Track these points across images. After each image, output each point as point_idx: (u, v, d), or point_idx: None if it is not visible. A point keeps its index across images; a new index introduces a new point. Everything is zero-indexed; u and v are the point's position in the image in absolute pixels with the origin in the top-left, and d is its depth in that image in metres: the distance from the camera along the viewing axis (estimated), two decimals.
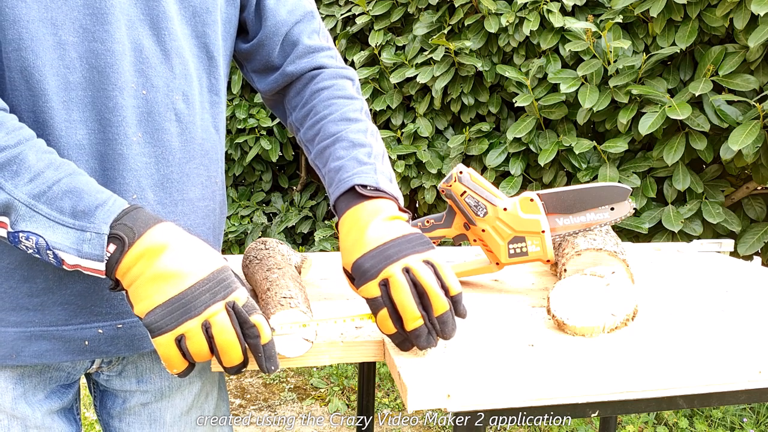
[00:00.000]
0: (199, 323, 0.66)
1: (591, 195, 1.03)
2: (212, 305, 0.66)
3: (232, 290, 0.68)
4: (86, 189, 0.69)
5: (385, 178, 0.83)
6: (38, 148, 0.70)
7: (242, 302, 0.68)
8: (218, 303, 0.67)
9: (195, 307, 0.66)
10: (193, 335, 0.66)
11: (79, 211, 0.68)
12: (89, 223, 0.67)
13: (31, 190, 0.67)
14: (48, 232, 0.67)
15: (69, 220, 0.68)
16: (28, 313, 0.79)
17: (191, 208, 0.87)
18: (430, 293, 0.71)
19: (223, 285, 0.68)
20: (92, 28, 0.75)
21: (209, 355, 0.68)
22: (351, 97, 0.93)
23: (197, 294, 0.66)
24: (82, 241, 0.67)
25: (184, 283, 0.67)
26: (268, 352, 0.69)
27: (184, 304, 0.66)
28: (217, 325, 0.66)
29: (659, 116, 2.19)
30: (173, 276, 0.67)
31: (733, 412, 2.53)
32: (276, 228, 3.71)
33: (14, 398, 0.83)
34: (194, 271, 0.67)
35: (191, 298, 0.66)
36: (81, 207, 0.68)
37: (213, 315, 0.66)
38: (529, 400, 0.69)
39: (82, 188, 0.69)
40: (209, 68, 0.87)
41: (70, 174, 0.70)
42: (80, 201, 0.68)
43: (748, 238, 2.24)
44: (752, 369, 0.74)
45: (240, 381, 2.93)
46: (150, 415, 0.95)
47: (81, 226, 0.67)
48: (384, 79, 3.11)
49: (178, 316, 0.66)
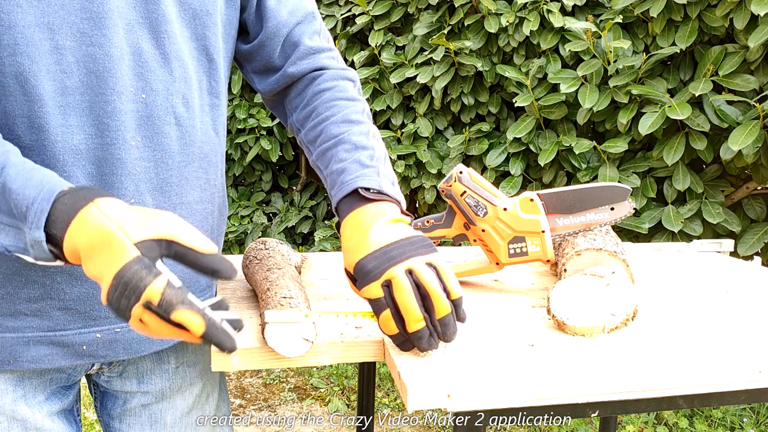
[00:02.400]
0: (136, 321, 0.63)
1: (591, 195, 1.03)
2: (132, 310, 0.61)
3: (141, 290, 0.61)
4: (14, 187, 0.65)
5: (387, 181, 0.83)
6: None
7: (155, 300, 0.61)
8: (136, 307, 0.61)
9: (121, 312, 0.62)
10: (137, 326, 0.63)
11: (15, 213, 0.65)
12: (26, 227, 0.64)
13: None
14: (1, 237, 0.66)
15: (9, 220, 0.65)
16: (26, 319, 0.79)
17: (189, 211, 0.86)
18: (433, 295, 0.71)
19: (131, 287, 0.61)
20: (90, 32, 0.74)
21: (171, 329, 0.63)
22: (353, 99, 0.93)
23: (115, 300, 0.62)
24: (27, 245, 0.65)
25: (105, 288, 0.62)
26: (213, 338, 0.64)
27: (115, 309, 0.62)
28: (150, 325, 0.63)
29: (659, 116, 2.19)
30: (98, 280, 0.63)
31: (733, 412, 2.53)
32: (276, 228, 3.71)
33: (14, 400, 0.83)
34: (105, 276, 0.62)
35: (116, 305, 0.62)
36: (15, 209, 0.65)
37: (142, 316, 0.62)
38: (529, 400, 0.69)
39: (11, 186, 0.65)
40: (209, 71, 0.86)
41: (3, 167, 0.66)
42: (12, 201, 0.65)
43: (748, 238, 2.24)
44: (752, 369, 0.74)
45: (240, 381, 2.93)
46: (151, 416, 0.95)
47: (21, 227, 0.65)
48: (384, 79, 3.11)
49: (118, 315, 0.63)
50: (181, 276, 0.87)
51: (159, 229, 0.64)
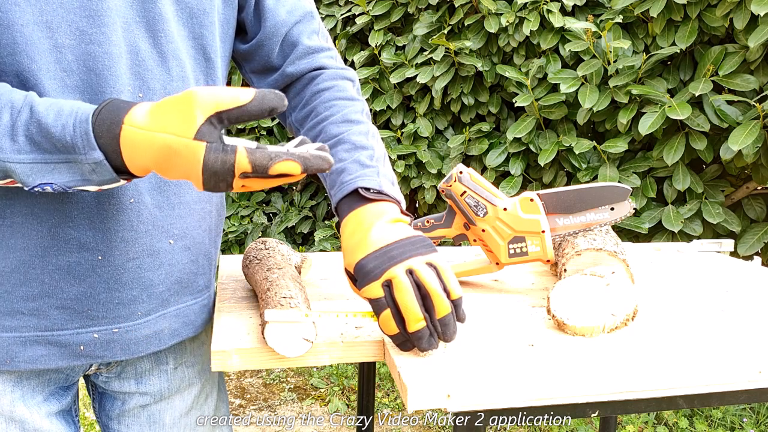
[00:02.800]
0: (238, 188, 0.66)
1: (591, 195, 1.03)
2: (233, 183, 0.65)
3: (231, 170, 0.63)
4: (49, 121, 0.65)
5: (387, 181, 0.83)
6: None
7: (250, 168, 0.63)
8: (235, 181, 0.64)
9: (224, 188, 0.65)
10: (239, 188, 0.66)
11: (60, 147, 0.65)
12: (82, 155, 0.65)
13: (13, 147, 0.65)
14: (56, 176, 0.66)
15: (58, 156, 0.66)
16: (24, 318, 0.79)
17: (188, 210, 0.86)
18: (433, 295, 0.71)
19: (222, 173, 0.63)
20: (89, 31, 0.74)
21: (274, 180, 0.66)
22: (352, 99, 0.93)
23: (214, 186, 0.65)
24: (89, 173, 0.66)
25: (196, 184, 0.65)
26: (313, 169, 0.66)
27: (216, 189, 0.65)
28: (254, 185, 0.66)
29: (659, 116, 2.19)
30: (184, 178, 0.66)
31: (733, 412, 2.53)
32: (276, 228, 3.71)
33: (12, 401, 0.83)
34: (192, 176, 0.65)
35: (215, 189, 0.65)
36: (59, 143, 0.65)
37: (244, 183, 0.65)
38: (529, 400, 0.69)
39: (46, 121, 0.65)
40: (207, 70, 0.86)
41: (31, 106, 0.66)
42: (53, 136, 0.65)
43: (748, 238, 2.24)
44: (752, 369, 0.74)
45: (240, 381, 2.93)
46: (149, 416, 0.95)
47: (74, 159, 0.66)
48: (384, 79, 3.11)
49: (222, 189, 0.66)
50: (179, 277, 0.87)
51: (200, 110, 0.64)
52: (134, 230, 0.80)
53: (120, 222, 0.79)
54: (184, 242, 0.87)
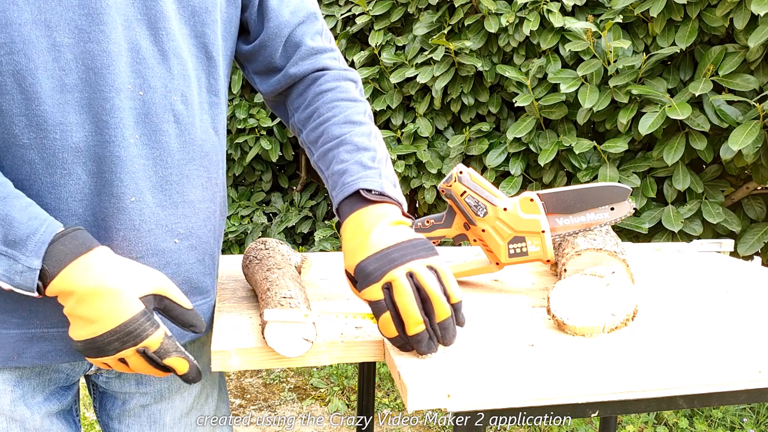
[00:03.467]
0: (115, 359, 0.73)
1: (591, 195, 1.03)
2: (122, 350, 0.71)
3: (142, 339, 0.71)
4: (18, 216, 0.70)
5: (389, 183, 0.83)
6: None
7: (155, 347, 0.72)
8: (128, 349, 0.71)
9: (107, 350, 0.71)
10: (113, 364, 0.74)
11: (11, 240, 0.69)
12: (21, 255, 0.69)
13: None
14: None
15: (2, 247, 0.69)
16: (30, 315, 0.79)
17: (192, 210, 0.86)
18: (433, 299, 0.71)
19: (132, 335, 0.71)
20: (88, 29, 0.74)
21: (136, 370, 0.75)
22: (355, 100, 0.92)
23: (107, 342, 0.71)
24: (14, 272, 0.69)
25: (94, 329, 0.71)
26: (186, 379, 0.76)
27: (98, 347, 0.71)
28: (132, 364, 0.73)
29: (659, 116, 2.19)
30: (84, 320, 0.71)
31: (733, 412, 2.53)
32: (276, 228, 3.71)
33: (13, 400, 0.83)
34: (101, 321, 0.70)
35: (102, 344, 0.71)
36: (12, 236, 0.69)
37: (126, 356, 0.72)
38: (529, 400, 0.69)
39: (14, 215, 0.69)
40: (208, 68, 0.86)
41: (4, 198, 0.70)
42: (11, 229, 0.69)
43: (748, 238, 2.24)
44: (752, 369, 0.74)
45: (240, 381, 2.93)
46: (150, 416, 0.95)
47: (13, 256, 0.69)
48: (384, 79, 3.11)
49: (95, 353, 0.72)
50: (186, 277, 0.87)
51: (156, 284, 0.74)
52: (136, 229, 0.80)
53: (121, 221, 0.79)
54: (190, 242, 0.86)
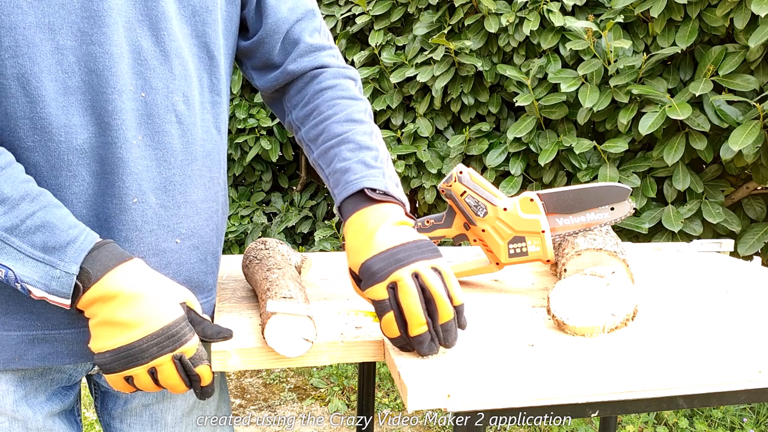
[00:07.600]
0: (145, 369, 0.72)
1: (591, 195, 1.03)
2: (158, 357, 0.71)
3: (182, 343, 0.72)
4: (59, 224, 0.71)
5: (392, 183, 0.83)
6: (14, 178, 0.71)
7: (191, 354, 0.73)
8: (165, 356, 0.72)
9: (141, 357, 0.71)
10: (139, 376, 0.73)
11: (50, 247, 0.70)
12: (60, 261, 0.70)
13: (4, 222, 0.69)
14: (18, 265, 0.69)
15: (40, 254, 0.69)
16: (31, 317, 0.79)
17: (194, 210, 0.86)
18: (438, 300, 0.71)
19: (173, 339, 0.71)
20: (90, 31, 0.74)
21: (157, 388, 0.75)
22: (355, 98, 0.92)
23: (145, 347, 0.71)
24: (51, 278, 0.69)
25: (133, 335, 0.70)
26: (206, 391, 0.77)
27: (132, 354, 0.71)
28: (163, 373, 0.73)
29: (659, 116, 2.19)
30: (123, 326, 0.71)
31: (733, 412, 2.53)
32: (276, 228, 3.71)
33: (15, 401, 0.83)
34: (144, 324, 0.71)
35: (138, 350, 0.71)
36: (52, 243, 0.70)
37: (159, 365, 0.72)
38: (529, 400, 0.69)
39: (55, 223, 0.71)
40: (210, 68, 0.86)
41: (45, 207, 0.71)
42: (52, 236, 0.70)
43: (748, 238, 2.24)
44: (752, 369, 0.74)
45: (240, 381, 2.93)
46: (151, 416, 0.95)
47: (51, 262, 0.69)
48: (384, 79, 3.11)
49: (124, 363, 0.71)
50: (188, 276, 0.87)
51: (187, 296, 0.76)
52: (138, 230, 0.80)
53: (123, 222, 0.79)
54: (192, 241, 0.86)
